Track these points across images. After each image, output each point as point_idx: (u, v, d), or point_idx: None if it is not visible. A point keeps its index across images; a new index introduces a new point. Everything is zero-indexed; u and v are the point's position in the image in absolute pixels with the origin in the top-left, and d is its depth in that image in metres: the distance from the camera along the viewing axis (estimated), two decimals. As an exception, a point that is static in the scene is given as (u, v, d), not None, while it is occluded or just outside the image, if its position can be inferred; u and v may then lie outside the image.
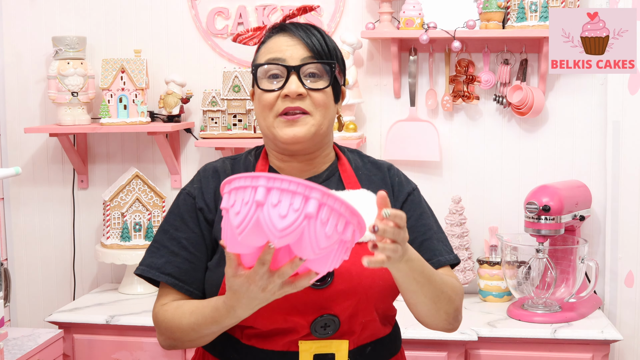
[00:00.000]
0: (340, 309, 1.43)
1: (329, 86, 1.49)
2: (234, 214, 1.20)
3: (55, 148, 3.04)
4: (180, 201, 1.56)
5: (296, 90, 1.45)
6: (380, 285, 1.46)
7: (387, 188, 1.56)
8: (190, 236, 1.51)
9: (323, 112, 1.49)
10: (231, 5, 2.89)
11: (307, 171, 1.55)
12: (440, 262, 1.55)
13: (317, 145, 1.53)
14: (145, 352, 2.58)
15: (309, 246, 1.19)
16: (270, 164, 1.56)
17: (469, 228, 2.80)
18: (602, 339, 2.41)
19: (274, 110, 1.47)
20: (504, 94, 2.77)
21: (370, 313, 1.47)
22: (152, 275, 1.51)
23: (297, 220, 1.17)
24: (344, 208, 1.20)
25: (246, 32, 1.58)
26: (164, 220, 1.57)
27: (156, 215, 2.84)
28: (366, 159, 1.63)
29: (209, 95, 2.81)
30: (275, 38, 1.51)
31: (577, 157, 2.80)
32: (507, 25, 2.68)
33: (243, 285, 1.27)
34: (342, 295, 1.42)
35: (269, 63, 1.48)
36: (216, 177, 1.55)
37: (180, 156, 3.00)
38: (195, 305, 1.45)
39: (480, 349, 2.46)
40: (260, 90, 1.49)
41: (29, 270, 3.09)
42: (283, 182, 1.18)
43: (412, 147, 2.82)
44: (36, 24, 2.98)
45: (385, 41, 2.82)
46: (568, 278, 2.57)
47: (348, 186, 1.54)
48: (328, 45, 1.51)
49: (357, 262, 1.41)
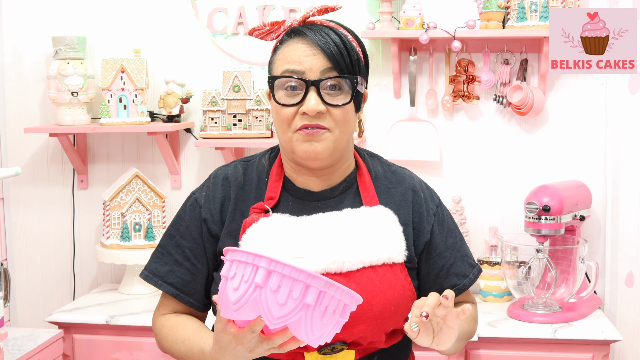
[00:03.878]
0: (349, 334, 1.41)
1: (350, 102, 1.42)
2: (232, 289, 1.19)
3: (55, 148, 3.04)
4: (188, 207, 1.54)
5: (315, 108, 1.38)
6: (392, 310, 1.43)
7: (405, 204, 1.51)
8: (193, 247, 1.51)
9: (343, 128, 1.42)
10: (231, 4, 2.89)
11: (323, 183, 1.50)
12: (465, 286, 1.56)
13: (336, 160, 1.47)
14: (145, 352, 2.58)
15: (304, 331, 1.19)
16: (285, 173, 1.51)
17: (469, 228, 2.80)
18: (602, 339, 2.41)
19: (292, 125, 1.41)
20: (504, 94, 2.77)
21: (379, 335, 1.45)
22: (155, 284, 1.53)
23: (295, 309, 1.17)
24: (345, 294, 1.20)
25: (263, 27, 1.50)
26: (171, 224, 1.56)
27: (156, 215, 2.84)
28: (387, 167, 1.57)
29: (209, 95, 2.81)
30: (292, 45, 1.43)
31: (577, 157, 2.80)
32: (507, 25, 2.68)
33: (231, 344, 1.27)
34: (351, 321, 1.37)
35: (286, 76, 1.41)
36: (226, 185, 1.51)
37: (180, 156, 3.00)
38: (187, 334, 1.45)
39: (480, 349, 2.45)
40: (277, 104, 1.42)
41: (29, 270, 3.09)
42: (285, 268, 1.16)
43: (412, 147, 2.82)
44: (36, 24, 2.98)
45: (385, 41, 2.82)
46: (568, 278, 2.57)
47: (365, 201, 1.49)
48: (350, 53, 1.42)
49: (368, 287, 1.41)
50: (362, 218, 1.46)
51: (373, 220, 1.46)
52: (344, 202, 1.49)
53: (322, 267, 1.40)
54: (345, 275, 1.40)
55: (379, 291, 1.41)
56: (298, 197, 1.49)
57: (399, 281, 1.44)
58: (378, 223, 1.46)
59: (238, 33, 2.90)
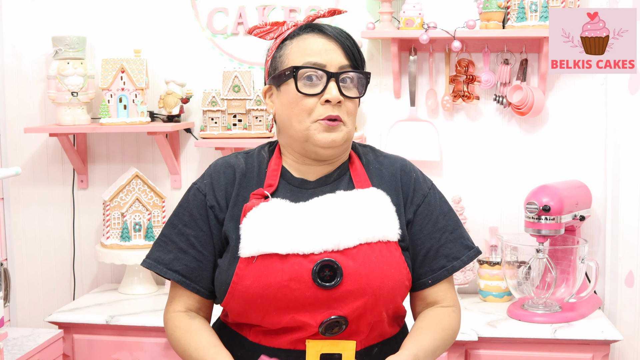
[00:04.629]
0: (349, 310, 1.44)
1: (362, 96, 1.52)
2: None
3: (55, 148, 3.04)
4: (191, 196, 1.56)
5: (338, 97, 1.46)
6: (390, 285, 1.46)
7: (396, 184, 1.56)
8: (199, 234, 1.53)
9: (353, 120, 1.52)
10: (231, 4, 2.89)
11: (319, 172, 1.55)
12: (455, 267, 1.57)
13: (343, 151, 1.55)
14: (145, 352, 2.58)
15: None
16: (283, 164, 1.56)
17: (469, 228, 2.80)
18: (602, 339, 2.41)
19: (313, 115, 1.47)
20: (504, 94, 2.77)
21: (379, 314, 1.48)
22: (159, 271, 1.54)
23: None
24: None
25: (264, 26, 1.57)
26: (173, 214, 1.58)
27: (156, 215, 2.84)
28: (379, 153, 1.63)
29: (209, 95, 2.81)
30: (311, 38, 1.51)
31: (577, 157, 2.80)
32: (507, 25, 2.68)
33: None
34: (351, 295, 1.43)
35: (312, 67, 1.47)
36: (229, 171, 1.55)
37: (180, 156, 3.00)
38: (202, 343, 1.48)
39: (480, 349, 2.45)
40: (300, 93, 1.48)
41: (29, 270, 3.09)
42: None
43: (412, 147, 2.82)
44: (36, 24, 2.98)
45: (385, 41, 2.82)
46: (568, 278, 2.57)
47: (358, 185, 1.54)
48: (360, 52, 1.53)
49: (366, 262, 1.44)
50: (356, 199, 1.51)
51: (366, 200, 1.51)
52: (338, 188, 1.54)
53: (320, 245, 1.44)
54: (342, 253, 1.44)
55: (376, 266, 1.45)
56: (295, 186, 1.54)
57: (394, 258, 1.48)
58: (371, 203, 1.50)
59: (238, 33, 2.90)
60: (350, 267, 1.43)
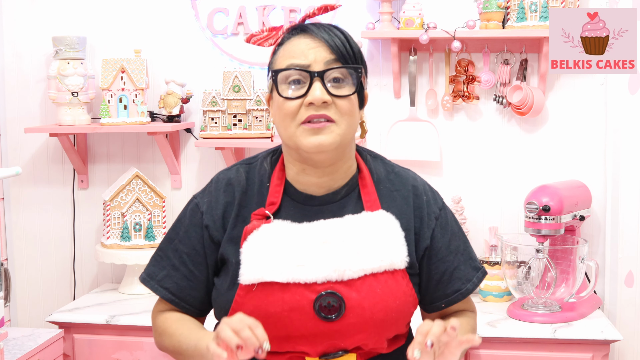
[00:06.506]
0: (351, 342, 1.41)
1: (354, 93, 1.41)
2: None
3: (55, 148, 3.04)
4: (189, 212, 1.53)
5: (321, 97, 1.36)
6: (393, 317, 1.42)
7: (407, 208, 1.49)
8: (191, 252, 1.50)
9: (348, 120, 1.40)
10: (231, 4, 2.89)
11: (325, 187, 1.47)
12: (469, 290, 1.53)
13: (340, 156, 1.45)
14: (145, 352, 2.58)
15: None
16: (286, 177, 1.49)
17: (469, 228, 2.80)
18: (602, 339, 2.41)
19: (297, 119, 1.39)
20: (504, 94, 2.77)
21: (380, 342, 1.45)
22: (151, 287, 1.53)
23: None
24: None
25: (261, 32, 1.51)
26: (173, 226, 1.55)
27: (156, 215, 2.84)
28: (389, 168, 1.54)
29: (209, 95, 2.81)
30: (295, 40, 1.42)
31: (577, 157, 2.80)
32: (507, 25, 2.68)
33: None
34: (353, 329, 1.38)
35: (290, 68, 1.39)
36: (229, 190, 1.49)
37: (180, 156, 3.00)
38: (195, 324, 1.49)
39: (480, 349, 2.45)
40: (281, 97, 1.40)
41: (29, 270, 3.09)
42: None
43: (412, 147, 2.82)
44: (36, 24, 2.98)
45: (385, 41, 2.82)
46: (568, 278, 2.57)
47: (367, 205, 1.47)
48: (352, 47, 1.42)
49: (369, 295, 1.39)
50: (364, 224, 1.44)
51: (374, 226, 1.44)
52: (346, 207, 1.47)
53: (323, 275, 1.38)
54: (346, 283, 1.39)
55: (381, 299, 1.40)
56: (299, 202, 1.47)
57: (400, 288, 1.43)
58: (379, 229, 1.44)
59: (238, 33, 2.90)
60: (354, 300, 1.38)
